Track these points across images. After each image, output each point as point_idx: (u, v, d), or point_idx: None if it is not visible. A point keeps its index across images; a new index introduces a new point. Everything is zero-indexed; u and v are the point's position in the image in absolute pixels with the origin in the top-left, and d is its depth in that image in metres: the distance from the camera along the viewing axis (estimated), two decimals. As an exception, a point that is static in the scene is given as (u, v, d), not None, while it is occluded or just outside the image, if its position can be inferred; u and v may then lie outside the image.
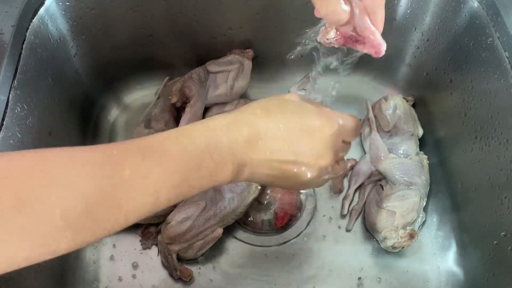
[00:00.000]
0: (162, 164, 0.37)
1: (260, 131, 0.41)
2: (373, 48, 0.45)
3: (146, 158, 0.36)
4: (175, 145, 0.38)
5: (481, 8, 0.63)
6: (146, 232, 0.69)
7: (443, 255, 0.69)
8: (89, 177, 0.33)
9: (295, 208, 0.72)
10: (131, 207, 0.35)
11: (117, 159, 0.35)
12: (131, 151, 0.37)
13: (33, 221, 0.30)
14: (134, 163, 0.35)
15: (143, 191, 0.35)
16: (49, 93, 0.65)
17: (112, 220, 0.34)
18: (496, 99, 0.60)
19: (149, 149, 0.37)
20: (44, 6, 0.63)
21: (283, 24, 0.75)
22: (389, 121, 0.74)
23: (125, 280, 0.66)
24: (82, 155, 0.35)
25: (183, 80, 0.75)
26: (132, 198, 0.35)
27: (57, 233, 0.32)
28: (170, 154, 0.37)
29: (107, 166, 0.34)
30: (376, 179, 0.73)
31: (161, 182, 0.36)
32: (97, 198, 0.33)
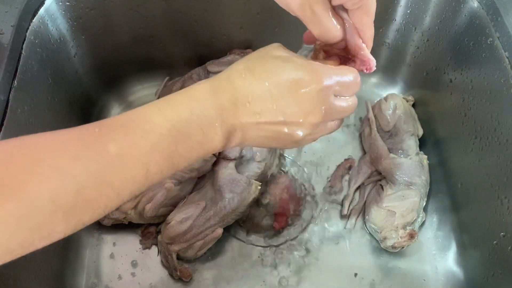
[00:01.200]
0: (147, 137, 0.36)
1: (246, 93, 0.39)
2: (363, 65, 0.45)
3: (129, 132, 0.36)
4: (158, 117, 0.37)
5: (481, 8, 0.63)
6: (146, 232, 0.69)
7: (443, 255, 0.69)
8: (74, 157, 0.33)
9: (295, 210, 0.72)
10: (121, 183, 0.35)
11: (100, 136, 0.35)
12: (114, 127, 0.36)
13: (21, 206, 0.30)
14: (118, 138, 0.35)
15: (132, 165, 0.35)
16: (49, 93, 0.65)
17: (104, 198, 0.34)
18: (496, 99, 0.60)
19: (131, 123, 0.37)
20: (44, 6, 0.63)
21: (283, 24, 0.75)
22: (389, 121, 0.74)
23: (124, 278, 0.66)
24: (65, 136, 0.35)
25: (183, 80, 0.75)
26: (121, 174, 0.35)
27: (48, 216, 0.31)
28: (154, 126, 0.36)
29: (91, 145, 0.34)
30: (376, 179, 0.73)
31: (149, 155, 0.36)
32: (84, 177, 0.33)
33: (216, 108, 0.39)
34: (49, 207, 0.31)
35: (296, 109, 0.40)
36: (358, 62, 0.45)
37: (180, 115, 0.38)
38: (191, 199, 0.67)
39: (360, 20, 0.42)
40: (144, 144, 0.36)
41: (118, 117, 0.38)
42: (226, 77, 0.40)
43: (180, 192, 0.68)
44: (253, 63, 0.41)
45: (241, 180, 0.66)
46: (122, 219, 0.66)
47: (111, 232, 0.69)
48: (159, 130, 0.36)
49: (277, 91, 0.39)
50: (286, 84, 0.39)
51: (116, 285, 0.66)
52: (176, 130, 0.37)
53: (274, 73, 0.40)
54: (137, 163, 0.35)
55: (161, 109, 0.38)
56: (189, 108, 0.38)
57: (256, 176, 0.68)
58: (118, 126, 0.36)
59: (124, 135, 0.35)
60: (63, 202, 0.32)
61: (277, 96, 0.39)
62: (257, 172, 0.69)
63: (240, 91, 0.39)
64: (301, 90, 0.40)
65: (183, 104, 0.38)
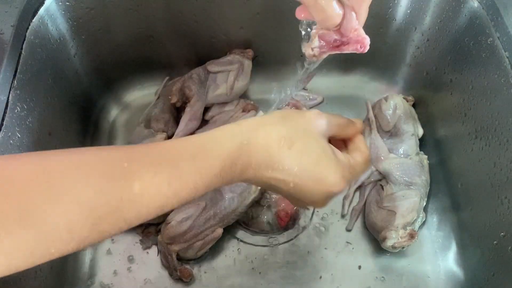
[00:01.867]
0: (173, 184, 0.36)
1: (275, 162, 0.41)
2: (357, 43, 0.45)
3: (157, 175, 0.35)
4: (188, 167, 0.37)
5: (481, 8, 0.63)
6: (146, 232, 0.69)
7: (443, 255, 0.69)
8: (97, 190, 0.32)
9: (295, 210, 0.72)
10: (135, 219, 0.35)
11: (127, 173, 0.34)
12: (143, 165, 0.35)
13: (38, 235, 0.30)
14: (145, 180, 0.35)
15: (151, 206, 0.35)
16: (49, 93, 0.65)
17: (116, 229, 0.34)
18: (496, 99, 0.60)
19: (161, 165, 0.36)
20: (44, 6, 0.63)
21: (283, 24, 0.75)
22: (389, 121, 0.74)
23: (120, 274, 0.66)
24: (90, 165, 0.34)
25: (183, 80, 0.75)
26: (138, 212, 0.35)
27: (61, 245, 0.31)
28: (182, 176, 0.37)
29: (116, 180, 0.34)
30: (376, 179, 0.73)
31: (168, 198, 0.36)
32: (103, 212, 0.33)
33: (242, 166, 0.40)
34: (64, 238, 0.31)
35: (309, 196, 0.43)
36: (353, 42, 0.45)
37: (210, 169, 0.38)
38: (191, 199, 0.67)
39: (359, 4, 0.42)
40: (167, 190, 0.36)
41: (148, 150, 0.37)
42: (263, 139, 0.41)
43: (180, 192, 0.68)
44: (294, 135, 0.41)
45: (241, 180, 0.66)
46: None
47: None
48: (185, 181, 0.37)
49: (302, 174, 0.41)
50: (312, 174, 0.42)
51: (112, 281, 0.66)
52: (202, 182, 0.38)
53: (308, 157, 0.41)
54: (156, 204, 0.36)
55: (193, 154, 0.38)
56: (221, 165, 0.38)
57: (256, 176, 0.68)
58: (147, 164, 0.36)
59: (151, 178, 0.35)
60: (79, 234, 0.32)
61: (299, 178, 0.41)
62: (257, 172, 0.69)
63: (270, 158, 0.40)
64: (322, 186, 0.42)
65: (217, 160, 0.38)
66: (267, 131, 0.41)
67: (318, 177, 0.42)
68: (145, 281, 0.66)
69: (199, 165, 0.37)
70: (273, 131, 0.41)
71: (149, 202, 0.35)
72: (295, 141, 0.41)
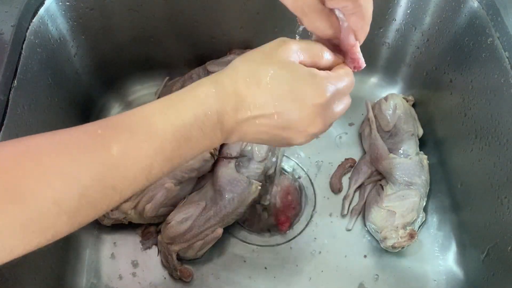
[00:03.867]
0: (151, 140, 0.36)
1: (249, 102, 0.40)
2: (352, 63, 0.45)
3: (133, 135, 0.36)
4: (162, 121, 0.37)
5: (481, 8, 0.63)
6: (146, 232, 0.69)
7: (443, 255, 0.69)
8: (78, 160, 0.33)
9: (295, 210, 0.72)
10: (124, 184, 0.35)
11: (103, 138, 0.35)
12: (117, 129, 0.36)
13: (27, 212, 0.31)
14: (122, 142, 0.35)
15: (134, 168, 0.35)
16: (49, 93, 0.65)
17: (107, 198, 0.35)
18: (496, 99, 0.60)
19: (135, 125, 0.37)
20: (44, 6, 0.63)
21: (283, 24, 0.75)
22: (389, 121, 0.74)
23: (124, 278, 0.66)
24: (67, 138, 0.35)
25: (183, 80, 0.75)
26: (124, 176, 0.35)
27: (53, 220, 0.32)
28: (157, 129, 0.37)
29: (94, 147, 0.34)
30: (376, 179, 0.73)
31: (152, 157, 0.36)
32: (89, 181, 0.33)
33: (219, 113, 0.39)
34: (54, 211, 0.32)
35: (298, 120, 0.41)
36: (348, 59, 0.46)
37: (184, 119, 0.38)
38: (191, 199, 0.67)
39: (356, 23, 0.43)
40: (147, 147, 0.36)
41: (121, 117, 0.38)
42: (231, 82, 0.40)
43: (180, 192, 0.68)
44: (258, 70, 0.41)
45: (241, 180, 0.66)
46: (122, 219, 0.66)
47: (111, 232, 0.69)
48: (163, 135, 0.37)
49: (281, 101, 0.40)
50: (290, 96, 0.40)
51: (116, 285, 0.66)
52: (180, 134, 0.38)
53: (279, 85, 0.40)
54: (140, 166, 0.36)
55: (166, 113, 0.38)
56: (193, 113, 0.38)
57: (256, 176, 0.68)
58: (121, 128, 0.36)
59: (127, 138, 0.36)
60: (68, 205, 0.32)
61: (279, 107, 0.40)
62: (257, 172, 0.69)
63: (244, 99, 0.40)
64: (304, 101, 0.41)
65: (188, 109, 0.38)
66: (231, 77, 0.41)
67: (298, 97, 0.40)
68: (150, 285, 0.66)
69: (172, 118, 0.37)
70: (237, 75, 0.41)
71: (132, 164, 0.35)
72: (261, 77, 0.40)
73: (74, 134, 0.35)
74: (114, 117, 0.38)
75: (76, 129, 0.36)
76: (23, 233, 0.31)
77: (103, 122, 0.37)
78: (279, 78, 0.40)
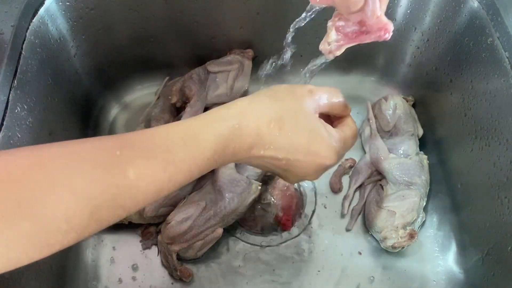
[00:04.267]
0: (168, 169, 0.36)
1: (266, 142, 0.41)
2: (380, 30, 0.43)
3: (150, 161, 0.36)
4: (181, 151, 0.38)
5: (481, 8, 0.63)
6: (146, 232, 0.69)
7: (443, 255, 0.69)
8: (92, 179, 0.33)
9: (295, 210, 0.72)
10: (133, 205, 0.35)
11: (120, 160, 0.35)
12: (135, 151, 0.36)
13: (37, 226, 0.30)
14: (139, 167, 0.35)
15: (147, 192, 0.36)
16: (49, 93, 0.65)
17: (115, 217, 0.35)
18: (496, 99, 0.60)
19: (154, 150, 0.37)
20: (44, 6, 0.63)
21: (283, 24, 0.75)
22: (389, 121, 0.74)
23: (124, 281, 0.66)
24: (82, 155, 0.34)
25: (183, 80, 0.75)
26: (135, 198, 0.35)
27: (62, 237, 0.32)
28: (176, 160, 0.37)
29: (110, 168, 0.34)
30: (376, 179, 0.73)
31: (164, 183, 0.37)
32: (100, 200, 0.33)
33: (235, 149, 0.41)
34: (63, 228, 0.31)
35: (301, 171, 0.45)
36: (375, 30, 0.43)
37: (203, 153, 0.39)
38: (191, 199, 0.67)
39: None
40: (163, 175, 0.36)
41: (141, 136, 0.38)
42: (255, 120, 0.41)
43: (180, 192, 0.68)
44: (284, 116, 0.42)
45: (241, 180, 0.66)
46: (122, 219, 0.66)
47: (111, 232, 0.69)
48: (180, 165, 0.37)
49: (294, 153, 0.43)
50: (305, 150, 0.43)
51: (115, 285, 0.66)
52: (194, 164, 0.38)
53: (298, 137, 0.42)
54: (152, 189, 0.36)
55: (185, 140, 0.38)
56: (213, 148, 0.39)
57: (256, 176, 0.68)
58: (140, 150, 0.36)
59: (145, 164, 0.35)
60: (77, 223, 0.32)
61: (291, 155, 0.43)
62: (257, 172, 0.69)
63: (262, 138, 0.41)
64: (314, 160, 0.44)
65: (209, 143, 0.39)
66: (257, 114, 0.41)
67: (310, 153, 0.43)
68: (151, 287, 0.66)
69: (192, 150, 0.38)
70: (263, 114, 0.42)
71: (145, 188, 0.35)
72: (285, 122, 0.42)
73: (89, 149, 0.35)
74: (133, 135, 0.38)
75: (92, 144, 0.36)
76: (30, 247, 0.31)
77: (121, 140, 0.37)
78: (300, 130, 0.42)
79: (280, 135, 0.42)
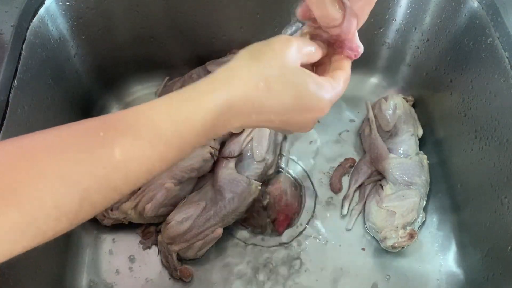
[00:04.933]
0: (156, 146, 0.35)
1: (256, 108, 0.40)
2: (351, 50, 0.45)
3: (137, 139, 0.35)
4: (168, 125, 0.36)
5: (481, 8, 0.63)
6: (146, 232, 0.69)
7: (443, 255, 0.69)
8: (78, 162, 0.32)
9: (295, 210, 0.72)
10: (125, 185, 0.35)
11: (105, 140, 0.34)
12: (120, 130, 0.35)
13: (26, 215, 0.30)
14: (125, 145, 0.34)
15: (137, 170, 0.35)
16: (49, 93, 0.65)
17: (108, 199, 0.34)
18: (496, 99, 0.60)
19: (139, 127, 0.35)
20: (44, 6, 0.63)
21: (283, 24, 0.75)
22: (389, 121, 0.74)
23: (123, 281, 0.66)
24: (68, 137, 0.34)
25: (183, 80, 0.75)
26: (126, 178, 0.34)
27: (52, 222, 0.31)
28: (163, 135, 0.36)
29: (96, 149, 0.33)
30: (376, 179, 0.73)
31: (155, 161, 0.36)
32: (89, 183, 0.32)
33: (225, 121, 0.39)
34: (54, 214, 0.31)
35: (297, 126, 0.44)
36: (346, 48, 0.45)
37: (192, 129, 0.37)
38: (191, 199, 0.67)
39: (362, 8, 0.43)
40: (151, 152, 0.35)
41: (124, 116, 0.36)
42: (241, 90, 0.40)
43: (180, 192, 0.68)
44: (269, 74, 0.41)
45: (241, 180, 0.66)
46: (122, 219, 0.66)
47: (111, 232, 0.69)
48: (168, 140, 0.36)
49: (287, 112, 0.42)
50: (297, 108, 0.42)
51: (114, 280, 0.66)
52: (184, 140, 0.37)
53: (288, 95, 0.41)
54: (143, 168, 0.35)
55: (172, 116, 0.37)
56: (201, 121, 0.37)
57: (256, 176, 0.68)
58: (125, 129, 0.35)
59: (131, 142, 0.35)
60: (68, 208, 0.32)
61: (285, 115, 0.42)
62: (257, 172, 0.69)
63: (253, 104, 0.40)
64: (307, 115, 0.44)
65: (195, 114, 0.37)
66: (243, 80, 0.40)
67: (302, 109, 0.42)
68: (146, 280, 0.66)
69: (180, 127, 0.37)
70: (248, 79, 0.40)
71: (135, 166, 0.35)
72: (272, 82, 0.40)
73: (72, 133, 0.34)
74: (116, 114, 0.37)
75: (75, 127, 0.35)
76: (21, 236, 0.30)
77: (104, 121, 0.36)
78: (288, 88, 0.41)
79: (269, 97, 0.40)
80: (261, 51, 0.42)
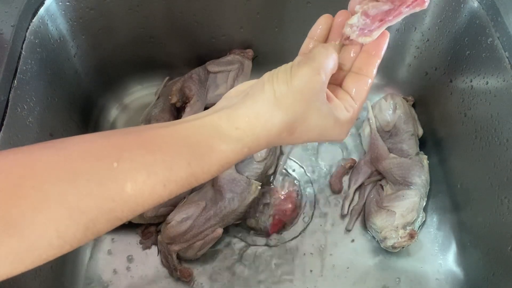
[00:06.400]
0: (168, 186, 0.34)
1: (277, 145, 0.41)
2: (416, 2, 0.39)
3: (151, 178, 0.33)
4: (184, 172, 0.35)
5: (481, 8, 0.63)
6: (146, 232, 0.69)
7: (443, 255, 0.69)
8: (87, 193, 0.31)
9: (295, 210, 0.72)
10: (131, 215, 0.34)
11: (118, 174, 0.32)
12: (135, 165, 0.33)
13: (26, 243, 0.29)
14: (138, 182, 0.33)
15: (145, 204, 0.34)
16: (49, 93, 0.65)
17: (113, 226, 0.34)
18: (496, 99, 0.60)
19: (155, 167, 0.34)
20: (44, 6, 0.63)
21: (283, 24, 0.75)
22: (389, 121, 0.74)
23: (122, 280, 0.66)
24: (78, 165, 0.32)
25: (183, 80, 0.75)
26: (133, 210, 0.34)
27: (54, 251, 0.30)
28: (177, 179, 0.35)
29: (107, 182, 0.32)
30: (376, 179, 0.73)
31: (164, 197, 0.35)
32: (95, 214, 0.31)
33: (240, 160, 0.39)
34: (56, 243, 0.30)
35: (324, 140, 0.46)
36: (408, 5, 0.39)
37: (206, 172, 0.36)
38: (191, 199, 0.67)
39: None
40: (163, 191, 0.34)
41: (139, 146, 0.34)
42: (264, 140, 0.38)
43: (180, 192, 0.68)
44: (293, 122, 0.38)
45: (241, 180, 0.66)
46: (122, 219, 0.66)
47: (110, 232, 0.68)
48: (181, 183, 0.35)
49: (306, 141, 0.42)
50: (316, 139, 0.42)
51: (112, 280, 0.66)
52: (197, 182, 0.36)
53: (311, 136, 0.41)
54: (151, 203, 0.34)
55: (191, 164, 0.35)
56: (219, 169, 0.37)
57: (256, 176, 0.68)
58: (139, 164, 0.33)
59: (145, 179, 0.33)
60: (72, 237, 0.31)
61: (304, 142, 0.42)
62: (257, 172, 0.69)
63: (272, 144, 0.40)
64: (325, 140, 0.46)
65: (212, 164, 0.36)
66: (266, 130, 0.38)
67: (322, 138, 0.42)
68: (143, 279, 0.66)
69: (195, 171, 0.36)
70: (271, 127, 0.38)
71: (144, 201, 0.34)
72: (296, 127, 0.39)
73: (87, 157, 0.32)
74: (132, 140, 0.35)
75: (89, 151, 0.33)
76: (21, 263, 0.29)
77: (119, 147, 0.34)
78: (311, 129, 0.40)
79: (292, 138, 0.40)
80: (288, 95, 0.38)
